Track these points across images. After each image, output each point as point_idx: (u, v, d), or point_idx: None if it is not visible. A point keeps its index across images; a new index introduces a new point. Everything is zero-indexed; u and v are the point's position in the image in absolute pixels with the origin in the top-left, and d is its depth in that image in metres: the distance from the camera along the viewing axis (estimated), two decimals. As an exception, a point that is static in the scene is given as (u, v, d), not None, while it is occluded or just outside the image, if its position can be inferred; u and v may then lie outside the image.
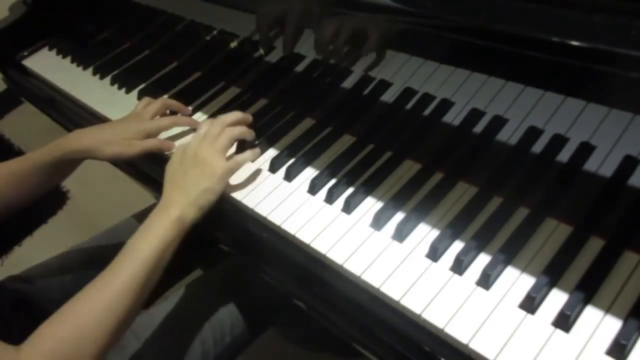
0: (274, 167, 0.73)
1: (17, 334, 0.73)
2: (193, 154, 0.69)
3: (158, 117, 0.85)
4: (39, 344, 0.55)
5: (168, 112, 0.87)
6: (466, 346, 0.50)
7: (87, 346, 0.56)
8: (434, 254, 0.57)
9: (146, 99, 0.87)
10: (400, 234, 0.60)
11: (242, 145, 0.77)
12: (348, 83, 0.80)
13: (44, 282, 0.86)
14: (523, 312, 0.51)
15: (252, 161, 0.75)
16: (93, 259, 0.91)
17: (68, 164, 0.82)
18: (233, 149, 0.76)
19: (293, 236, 0.64)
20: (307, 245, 0.63)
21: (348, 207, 0.64)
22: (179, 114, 0.87)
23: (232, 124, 0.73)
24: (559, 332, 0.49)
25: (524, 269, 0.54)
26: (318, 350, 1.11)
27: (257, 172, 0.74)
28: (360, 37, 0.71)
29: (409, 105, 0.73)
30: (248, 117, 0.76)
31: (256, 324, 0.87)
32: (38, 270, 0.88)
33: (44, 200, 0.87)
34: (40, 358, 0.54)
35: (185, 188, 0.66)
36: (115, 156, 0.79)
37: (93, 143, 0.79)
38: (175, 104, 0.87)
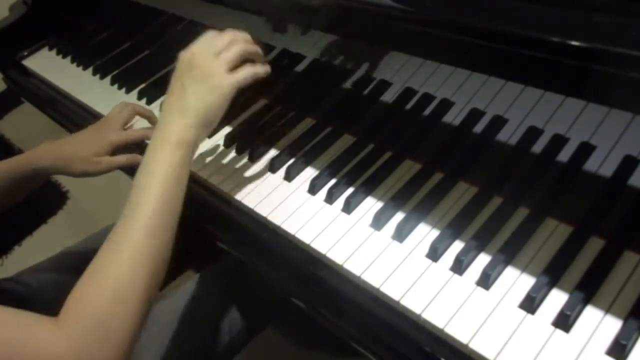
0: (273, 167, 0.73)
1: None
2: (191, 64, 0.61)
3: (129, 125, 0.85)
4: (76, 310, 0.50)
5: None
6: (466, 346, 0.50)
7: (127, 297, 0.51)
8: (434, 254, 0.57)
9: (120, 105, 0.86)
10: (400, 234, 0.60)
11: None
12: (348, 83, 0.80)
13: (37, 283, 0.85)
14: (523, 312, 0.51)
15: (263, 74, 0.65)
16: (88, 260, 0.91)
17: (38, 177, 0.83)
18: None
19: (293, 236, 0.64)
20: (307, 245, 0.63)
21: (348, 207, 0.64)
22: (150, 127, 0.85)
23: (243, 41, 0.64)
24: (559, 332, 0.49)
25: (524, 269, 0.54)
26: (317, 350, 1.11)
27: (257, 172, 0.74)
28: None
29: (409, 105, 0.73)
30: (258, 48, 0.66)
31: (254, 323, 0.87)
32: (31, 272, 0.88)
33: (44, 200, 0.87)
34: (82, 323, 0.49)
35: (184, 106, 0.60)
36: (83, 174, 0.80)
37: (62, 161, 0.79)
38: (144, 111, 0.87)
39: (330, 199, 0.66)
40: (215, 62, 0.61)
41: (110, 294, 0.51)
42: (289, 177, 0.71)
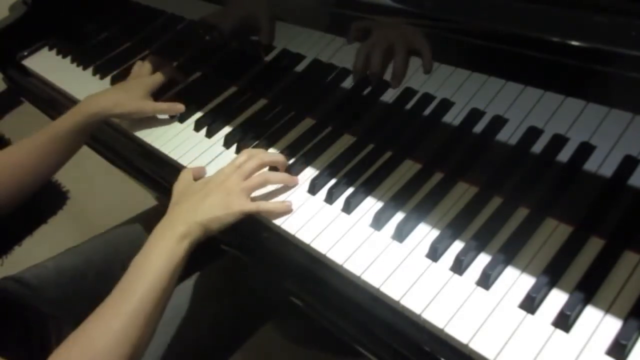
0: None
1: (11, 335, 0.73)
2: (221, 182, 0.67)
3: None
4: None
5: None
6: (466, 346, 0.50)
7: None
8: (434, 254, 0.57)
9: (137, 64, 0.96)
10: (400, 234, 0.60)
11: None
12: (348, 83, 0.80)
13: (39, 283, 0.85)
14: (523, 312, 0.51)
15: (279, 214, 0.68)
16: (90, 261, 0.91)
17: (87, 128, 0.85)
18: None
19: (293, 236, 0.64)
20: (307, 245, 0.63)
21: (348, 207, 0.64)
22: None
23: (271, 164, 0.71)
24: (559, 332, 0.49)
25: (524, 269, 0.54)
26: (318, 350, 1.11)
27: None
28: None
29: (409, 105, 0.73)
30: (286, 162, 0.72)
31: (254, 323, 0.87)
32: (34, 271, 0.88)
33: (44, 200, 0.88)
34: None
35: (197, 209, 0.64)
36: (132, 113, 0.86)
37: (110, 102, 0.84)
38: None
39: (330, 199, 0.66)
40: (238, 187, 0.66)
41: None
42: (289, 177, 0.71)
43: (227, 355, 0.85)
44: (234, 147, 0.79)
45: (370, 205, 0.65)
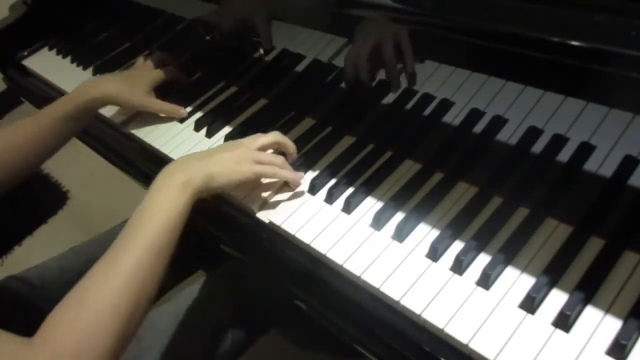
0: (274, 167, 0.73)
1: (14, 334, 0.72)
2: (232, 144, 0.68)
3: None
4: (48, 335, 0.49)
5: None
6: (466, 346, 0.50)
7: (101, 333, 0.49)
8: (434, 254, 0.57)
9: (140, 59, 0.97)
10: (400, 234, 0.60)
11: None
12: (348, 83, 0.80)
13: (42, 282, 0.85)
14: (523, 312, 0.51)
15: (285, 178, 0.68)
16: (93, 260, 0.91)
17: (86, 112, 0.84)
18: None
19: (293, 236, 0.64)
20: (307, 245, 0.63)
21: (348, 207, 0.64)
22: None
23: (283, 145, 0.70)
24: (559, 332, 0.49)
25: (524, 269, 0.54)
26: (318, 351, 1.11)
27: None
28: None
29: (409, 105, 0.73)
30: (295, 152, 0.72)
31: (257, 326, 0.87)
32: (37, 270, 0.88)
33: (44, 200, 0.87)
34: (51, 350, 0.48)
35: (203, 161, 0.63)
36: (136, 105, 0.86)
37: (112, 90, 0.83)
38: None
39: (330, 199, 0.66)
40: (248, 153, 0.66)
41: (90, 323, 0.50)
42: (289, 177, 0.71)
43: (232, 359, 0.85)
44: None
45: (370, 205, 0.65)
